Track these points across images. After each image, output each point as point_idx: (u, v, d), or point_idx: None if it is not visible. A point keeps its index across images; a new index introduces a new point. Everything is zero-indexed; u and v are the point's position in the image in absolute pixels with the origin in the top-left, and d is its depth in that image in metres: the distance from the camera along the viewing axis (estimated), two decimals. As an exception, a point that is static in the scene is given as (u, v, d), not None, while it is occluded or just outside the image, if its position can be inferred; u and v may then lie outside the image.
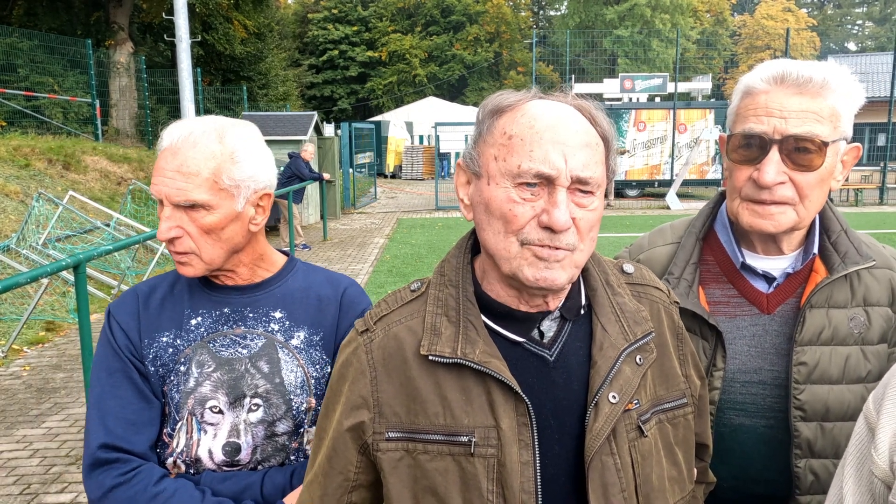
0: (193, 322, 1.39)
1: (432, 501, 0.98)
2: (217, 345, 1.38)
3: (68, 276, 7.08)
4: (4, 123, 14.23)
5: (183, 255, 1.34)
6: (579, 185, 0.94)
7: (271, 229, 13.29)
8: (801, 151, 1.24)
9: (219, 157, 1.32)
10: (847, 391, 1.32)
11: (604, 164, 0.98)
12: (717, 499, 1.36)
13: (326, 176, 12.55)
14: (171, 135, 1.33)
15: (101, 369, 1.37)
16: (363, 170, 21.46)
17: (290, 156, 11.64)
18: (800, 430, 1.32)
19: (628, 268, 1.15)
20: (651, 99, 22.57)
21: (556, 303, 1.03)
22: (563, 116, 0.96)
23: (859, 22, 57.59)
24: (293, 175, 11.39)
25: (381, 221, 15.65)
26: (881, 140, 19.70)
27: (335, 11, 43.53)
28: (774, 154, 1.25)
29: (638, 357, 1.03)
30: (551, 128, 0.94)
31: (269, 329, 1.40)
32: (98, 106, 15.66)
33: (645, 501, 1.01)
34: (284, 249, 1.54)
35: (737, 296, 1.39)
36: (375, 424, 1.01)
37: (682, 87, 23.87)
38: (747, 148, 1.28)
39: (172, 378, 1.36)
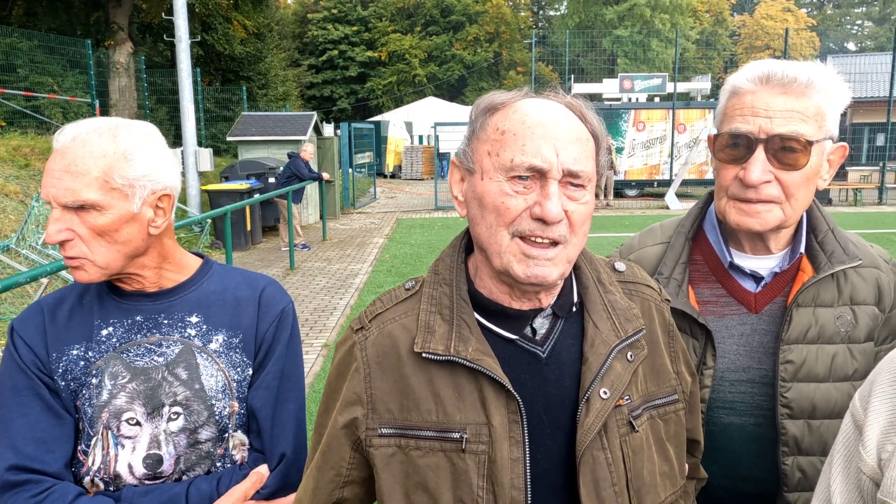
0: (104, 332, 1.33)
1: (423, 497, 1.00)
2: (131, 354, 1.32)
3: (68, 275, 7.10)
4: (4, 123, 14.24)
5: (75, 259, 1.28)
6: (571, 178, 0.96)
7: (271, 229, 13.31)
8: (786, 150, 1.26)
9: (110, 156, 1.26)
10: (834, 389, 1.34)
11: (594, 160, 1.01)
12: (707, 497, 1.38)
13: (326, 176, 12.56)
14: (62, 136, 1.28)
15: (6, 388, 1.30)
16: (363, 170, 21.47)
17: (290, 156, 11.65)
18: (787, 427, 1.34)
19: (620, 266, 1.17)
20: (650, 99, 22.58)
21: (548, 300, 1.05)
22: (554, 113, 0.99)
23: (859, 22, 57.59)
24: (292, 175, 11.40)
25: (381, 221, 15.66)
26: (880, 140, 19.71)
27: (335, 11, 43.53)
28: (760, 153, 1.27)
29: (629, 354, 1.05)
30: (543, 123, 0.97)
31: (186, 334, 1.36)
32: (98, 106, 15.66)
33: (636, 496, 1.02)
34: (199, 252, 1.51)
35: (725, 295, 1.41)
36: (369, 420, 1.03)
37: (682, 87, 23.87)
38: (734, 147, 1.30)
39: (85, 392, 1.30)
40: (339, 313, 7.62)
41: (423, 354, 1.01)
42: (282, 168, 12.16)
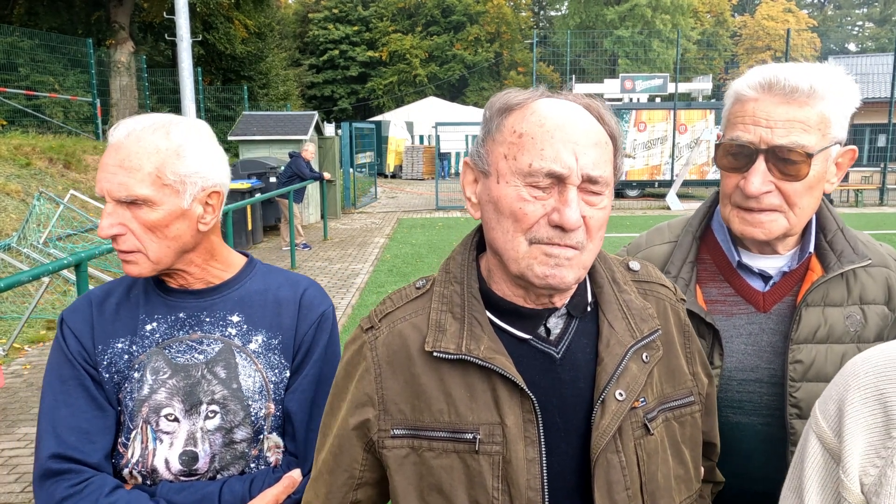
0: (148, 327, 1.35)
1: (438, 499, 0.98)
2: (173, 350, 1.33)
3: (69, 274, 7.09)
4: (5, 122, 14.24)
5: (127, 253, 1.30)
6: (589, 183, 0.94)
7: (272, 228, 13.30)
8: (786, 162, 1.24)
9: (163, 152, 1.27)
10: None
11: (612, 164, 0.99)
12: (717, 496, 1.37)
13: (327, 175, 12.56)
14: (117, 131, 1.30)
15: (54, 377, 1.32)
16: (363, 169, 21.47)
17: (291, 155, 11.65)
18: (796, 427, 1.33)
19: (634, 265, 1.15)
20: (651, 99, 22.56)
21: (562, 300, 1.03)
22: (572, 115, 0.96)
23: (859, 23, 57.58)
24: (294, 174, 11.40)
25: (382, 221, 15.65)
26: (881, 141, 19.71)
27: (336, 11, 43.52)
28: (760, 164, 1.25)
29: (644, 354, 1.03)
30: (561, 126, 0.94)
31: (227, 333, 1.36)
32: (99, 105, 15.67)
33: (650, 500, 1.00)
34: (246, 252, 1.51)
35: (733, 294, 1.40)
36: (381, 422, 1.01)
37: (683, 87, 23.85)
38: (735, 156, 1.29)
39: (127, 385, 1.32)
40: (341, 313, 7.61)
41: (435, 353, 0.99)
42: (283, 168, 12.15)
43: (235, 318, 1.38)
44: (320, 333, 1.41)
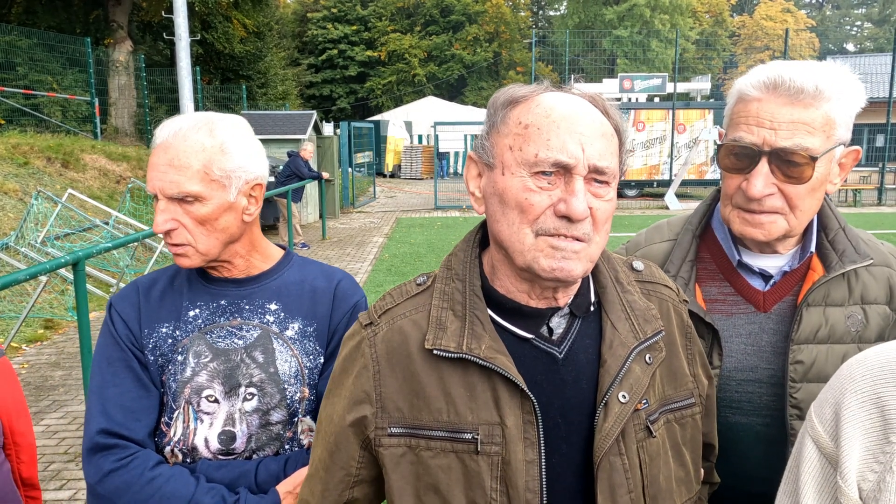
0: (191, 314, 1.42)
1: (434, 499, 0.97)
2: (214, 336, 1.41)
3: (67, 273, 7.08)
4: (3, 121, 14.21)
5: (179, 246, 1.37)
6: (596, 174, 0.93)
7: (270, 228, 13.28)
8: (790, 164, 1.22)
9: (209, 150, 1.34)
10: None
11: (618, 156, 0.98)
12: (715, 496, 1.36)
13: (325, 175, 12.54)
14: (163, 131, 1.36)
15: (103, 358, 1.40)
16: (362, 169, 21.46)
17: (290, 155, 11.63)
18: (796, 428, 1.32)
19: (638, 265, 1.14)
20: (650, 99, 22.58)
21: (565, 299, 1.01)
22: (578, 107, 0.95)
23: (858, 23, 57.62)
24: (292, 174, 11.38)
25: (380, 221, 15.64)
26: (880, 141, 19.72)
27: (334, 11, 43.48)
28: (763, 166, 1.23)
29: (647, 356, 1.02)
30: (568, 117, 0.93)
31: (265, 320, 1.43)
32: (97, 104, 15.64)
33: (652, 502, 0.99)
34: (283, 245, 1.58)
35: (733, 294, 1.39)
36: (378, 419, 1.00)
37: (682, 87, 23.87)
38: (738, 157, 1.27)
39: (171, 367, 1.39)
40: (339, 312, 7.60)
41: (435, 352, 0.97)
42: (281, 167, 12.13)
43: (273, 307, 1.45)
44: (353, 322, 1.46)
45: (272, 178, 12.53)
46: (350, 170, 18.07)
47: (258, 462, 1.40)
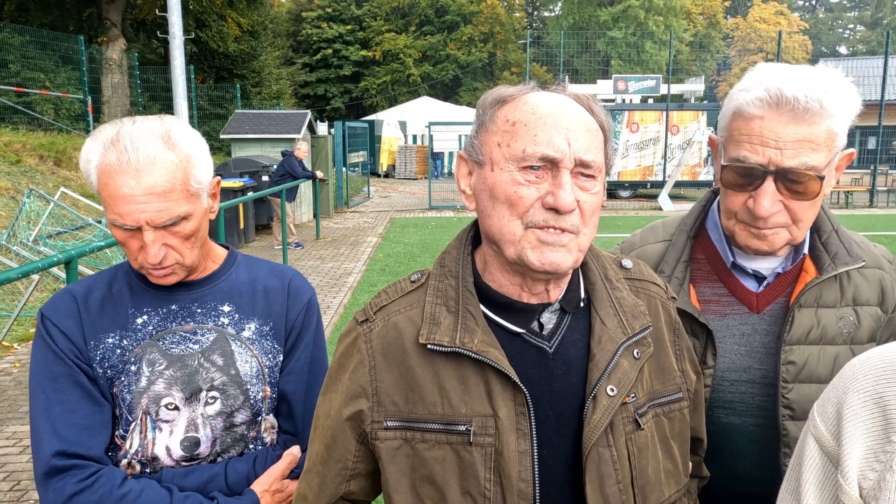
0: (139, 321, 1.37)
1: (430, 490, 0.99)
2: (167, 342, 1.37)
3: (59, 272, 7.04)
4: (-5, 119, 14.12)
5: (168, 268, 1.32)
6: (582, 167, 0.96)
7: (264, 227, 13.26)
8: (796, 181, 1.22)
9: (181, 165, 1.28)
10: None
11: (603, 152, 1.01)
12: (707, 497, 1.37)
13: (319, 174, 12.52)
14: (110, 155, 1.24)
15: (43, 376, 1.31)
16: (356, 169, 21.45)
17: (284, 154, 11.61)
18: (788, 428, 1.33)
19: (627, 263, 1.16)
20: (644, 100, 22.62)
21: (556, 293, 1.04)
22: (564, 104, 0.99)
23: (851, 26, 57.96)
24: (286, 173, 11.36)
25: (375, 220, 15.63)
26: (871, 143, 19.85)
27: (329, 10, 43.41)
28: (769, 185, 1.23)
29: (636, 351, 1.05)
30: (554, 114, 0.96)
31: (220, 323, 1.40)
32: (90, 102, 15.57)
33: (640, 493, 1.02)
34: (224, 244, 1.55)
35: (727, 294, 1.40)
36: (374, 413, 1.02)
37: (675, 88, 23.94)
38: (742, 176, 1.25)
39: (123, 379, 1.34)
40: (333, 312, 7.60)
41: (429, 346, 1.00)
42: (275, 166, 12.11)
43: (227, 308, 1.42)
44: (309, 318, 1.49)
45: (266, 178, 12.51)
46: (344, 169, 18.06)
47: (226, 464, 1.38)
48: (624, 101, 22.34)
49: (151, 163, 1.24)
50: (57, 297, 1.38)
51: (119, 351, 1.34)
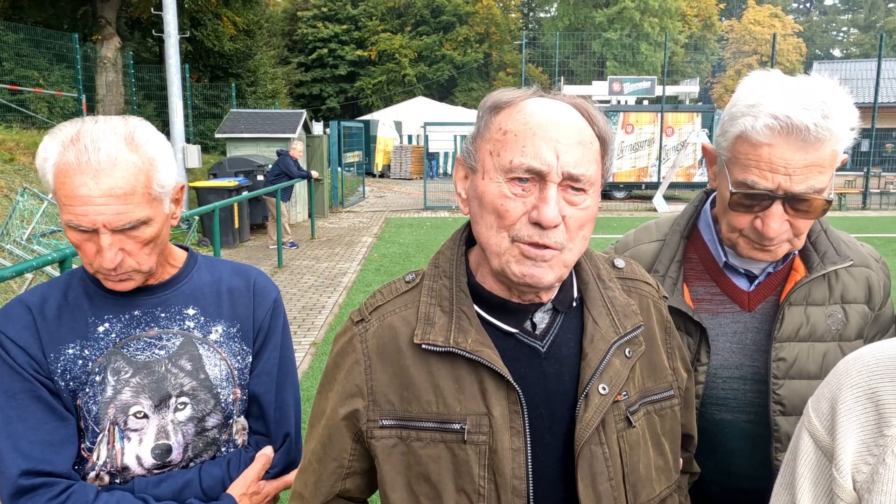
0: (101, 329, 1.32)
1: (425, 488, 1.00)
2: (131, 349, 1.32)
3: (53, 271, 7.02)
4: (-12, 117, 14.06)
5: (124, 273, 1.27)
6: (571, 181, 0.95)
7: (259, 227, 13.24)
8: (802, 201, 1.23)
9: (143, 168, 1.23)
10: None
11: (598, 164, 0.99)
12: (701, 493, 1.39)
13: (315, 174, 12.51)
14: (68, 154, 1.19)
15: (1, 393, 1.25)
16: (352, 169, 21.42)
17: (279, 153, 11.59)
18: (779, 424, 1.35)
19: (619, 262, 1.18)
20: (639, 102, 22.70)
21: (548, 296, 1.05)
22: (559, 114, 0.97)
23: (844, 29, 58.26)
24: (281, 173, 11.34)
25: (370, 220, 15.62)
26: (864, 146, 19.95)
27: (325, 10, 43.36)
28: (778, 208, 1.24)
29: (627, 350, 1.06)
30: (545, 125, 0.95)
31: (185, 327, 1.37)
32: (84, 101, 15.51)
33: (632, 490, 1.03)
34: (183, 245, 1.50)
35: (719, 293, 1.42)
36: (370, 412, 1.04)
37: (670, 90, 24.03)
38: (750, 199, 1.26)
39: (87, 390, 1.29)
40: (328, 312, 7.59)
41: (423, 346, 1.01)
42: (270, 166, 12.09)
43: (191, 311, 1.39)
44: (276, 318, 1.47)
45: (261, 178, 12.50)
46: (339, 169, 18.04)
47: (199, 469, 1.35)
48: (619, 102, 22.41)
49: (112, 164, 1.20)
50: (9, 307, 1.31)
51: (81, 361, 1.29)
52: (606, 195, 20.00)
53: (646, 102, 22.71)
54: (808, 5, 60.72)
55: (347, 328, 1.11)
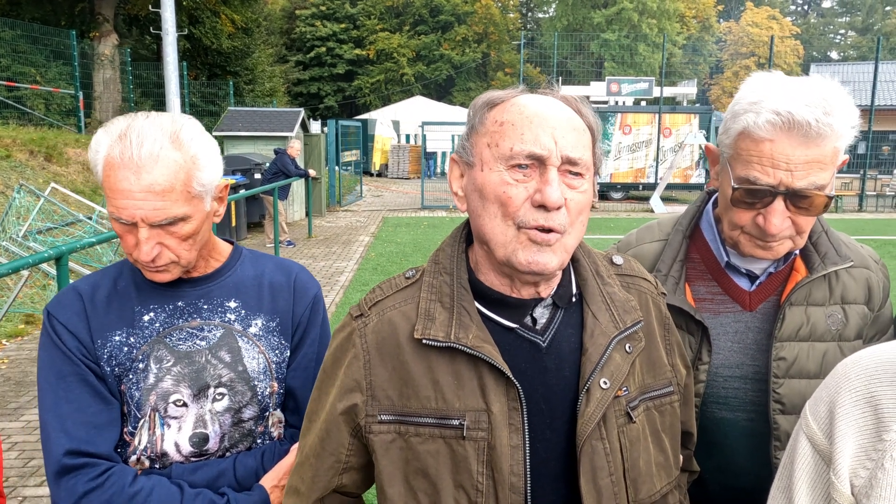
0: (146, 318, 1.37)
1: (423, 483, 1.00)
2: (174, 339, 1.36)
3: (49, 268, 7.00)
4: (-15, 113, 14.01)
5: (163, 265, 1.31)
6: (569, 165, 0.98)
7: (256, 225, 13.23)
8: (804, 198, 1.24)
9: (185, 166, 1.27)
10: None
11: (591, 151, 1.02)
12: (701, 490, 1.39)
13: (312, 173, 12.51)
14: (116, 149, 1.24)
15: (51, 374, 1.31)
16: (349, 168, 21.42)
17: (276, 152, 11.58)
18: (779, 423, 1.35)
19: (617, 259, 1.18)
20: (637, 102, 22.75)
21: (547, 291, 1.05)
22: (551, 105, 1.01)
23: (842, 31, 58.44)
24: (279, 171, 11.34)
25: (367, 219, 15.62)
26: (861, 148, 20.01)
27: (323, 8, 43.33)
28: (780, 204, 1.24)
29: (627, 345, 1.07)
30: (540, 114, 0.99)
31: (226, 319, 1.41)
32: (81, 98, 15.47)
33: (632, 486, 1.03)
34: (229, 238, 1.55)
35: (721, 293, 1.42)
36: (368, 407, 1.04)
37: (668, 91, 24.08)
38: (752, 195, 1.26)
39: (131, 376, 1.34)
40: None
41: (424, 341, 1.01)
42: (268, 164, 12.08)
43: (233, 304, 1.42)
44: (315, 314, 1.50)
45: (259, 176, 12.48)
46: (337, 168, 18.03)
47: (234, 459, 1.39)
48: (617, 103, 22.46)
49: (154, 160, 1.24)
50: (62, 294, 1.38)
51: (126, 348, 1.34)
52: (604, 196, 20.03)
53: (643, 103, 22.76)
54: (805, 8, 60.89)
55: (346, 323, 1.11)
